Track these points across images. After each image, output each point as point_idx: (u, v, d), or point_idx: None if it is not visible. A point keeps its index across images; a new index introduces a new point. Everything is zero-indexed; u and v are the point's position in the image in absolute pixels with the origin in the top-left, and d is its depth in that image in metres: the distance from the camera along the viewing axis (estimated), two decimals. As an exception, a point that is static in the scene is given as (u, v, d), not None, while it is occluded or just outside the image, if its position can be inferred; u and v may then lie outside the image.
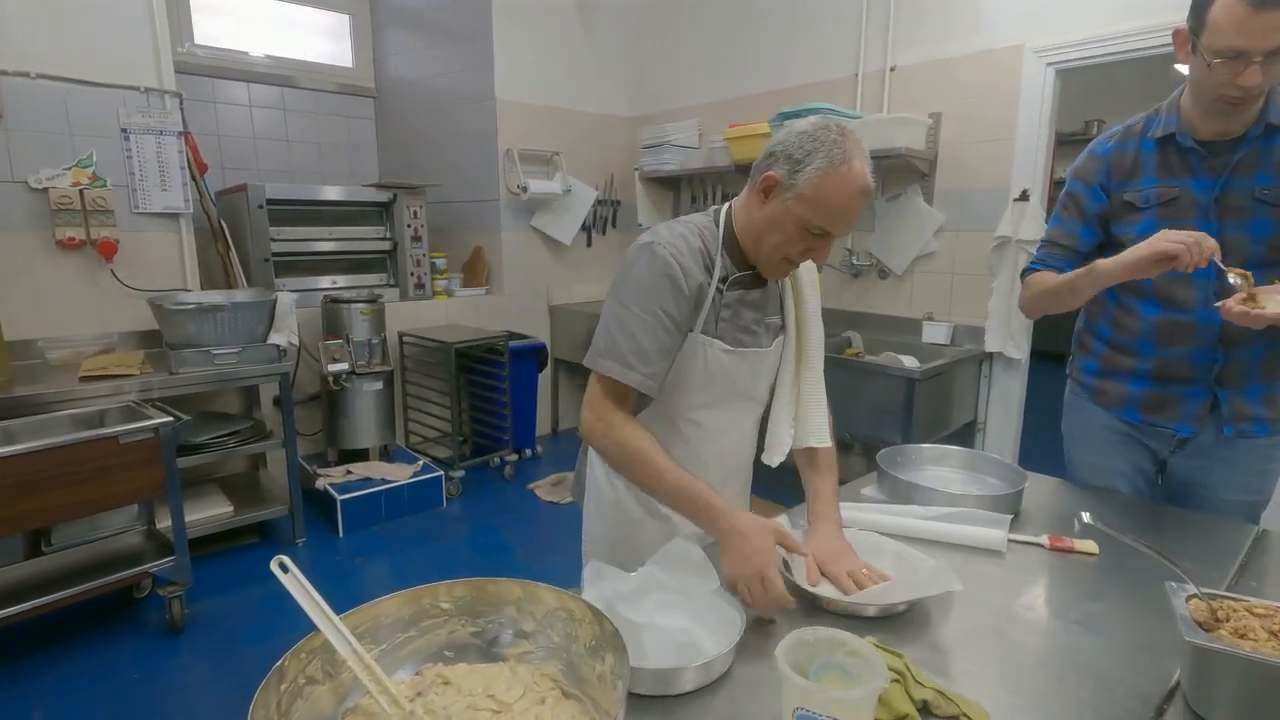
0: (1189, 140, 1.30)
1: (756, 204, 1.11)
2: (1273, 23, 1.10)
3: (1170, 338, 1.36)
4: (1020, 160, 2.88)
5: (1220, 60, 1.16)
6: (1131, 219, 1.36)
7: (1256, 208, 1.27)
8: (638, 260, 1.11)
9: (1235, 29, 1.12)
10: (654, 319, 1.09)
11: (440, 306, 3.94)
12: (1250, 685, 0.74)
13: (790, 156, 1.05)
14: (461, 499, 3.49)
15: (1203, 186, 1.30)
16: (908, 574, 1.06)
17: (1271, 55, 1.12)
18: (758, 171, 1.10)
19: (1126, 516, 1.38)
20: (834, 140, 1.03)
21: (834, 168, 1.02)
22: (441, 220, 4.30)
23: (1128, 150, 1.38)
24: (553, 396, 4.53)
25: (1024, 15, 2.80)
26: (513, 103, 3.98)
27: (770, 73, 3.71)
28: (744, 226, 1.14)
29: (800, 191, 1.04)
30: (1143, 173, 1.35)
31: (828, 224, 1.06)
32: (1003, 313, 2.95)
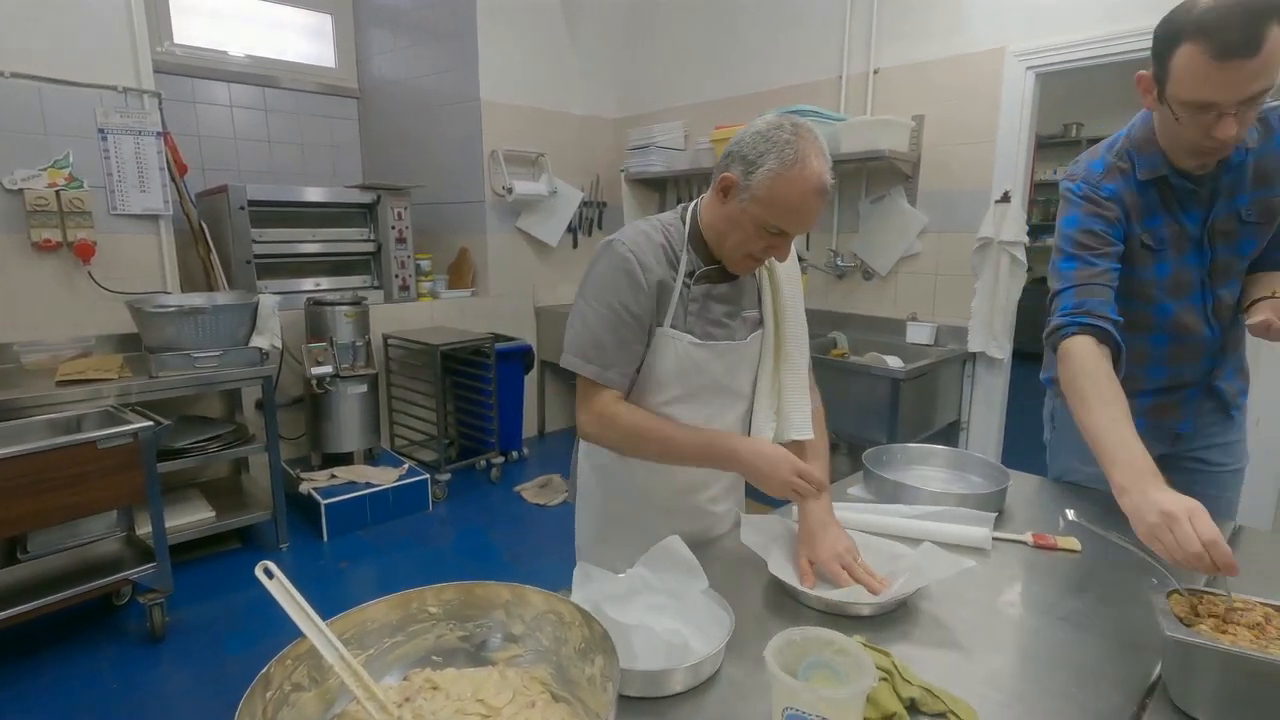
0: (1182, 181, 1.23)
1: (717, 203, 1.13)
2: (1243, 74, 0.99)
3: (1178, 358, 1.36)
4: (1001, 162, 2.91)
5: (1187, 113, 1.07)
6: (1147, 260, 1.28)
7: (1242, 229, 1.25)
8: (600, 258, 1.14)
9: (1200, 83, 1.03)
10: (611, 313, 1.11)
11: (425, 308, 3.92)
12: (1230, 678, 0.75)
13: (745, 157, 1.06)
14: (448, 502, 3.47)
15: (1193, 220, 1.25)
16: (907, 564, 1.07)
17: (1246, 104, 1.03)
18: (717, 171, 1.12)
19: (1110, 513, 1.40)
20: (786, 140, 1.03)
21: (786, 168, 1.03)
22: (426, 222, 4.28)
23: (1130, 190, 1.26)
24: (539, 398, 4.51)
25: (1004, 19, 2.83)
26: (498, 104, 3.97)
27: (755, 74, 3.73)
28: (708, 224, 1.16)
29: (755, 193, 1.05)
30: (1147, 212, 1.26)
31: (783, 223, 1.06)
32: (985, 313, 2.98)
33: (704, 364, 1.19)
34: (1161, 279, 1.28)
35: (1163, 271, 1.28)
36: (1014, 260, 2.89)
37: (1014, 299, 2.94)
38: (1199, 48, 1.01)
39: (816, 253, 3.54)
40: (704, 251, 1.18)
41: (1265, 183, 1.23)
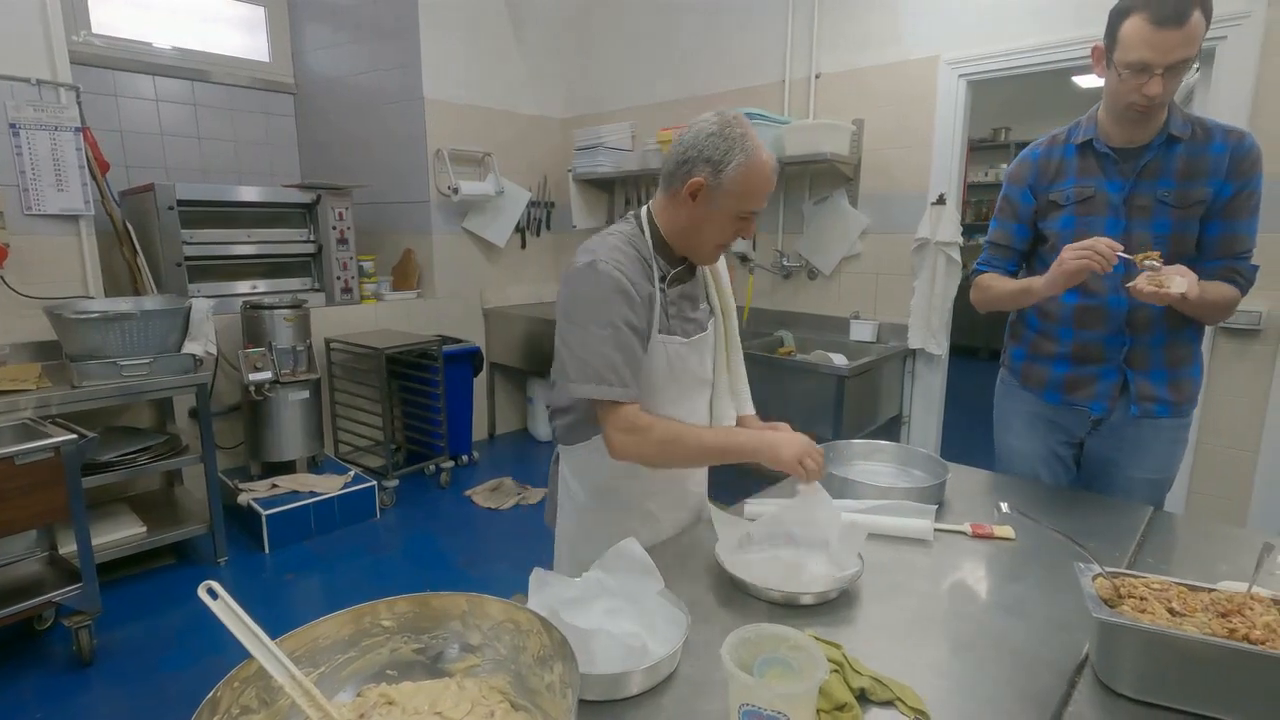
0: (1104, 146, 1.45)
1: (683, 206, 1.18)
2: (1172, 40, 1.25)
3: (1085, 322, 1.50)
4: (937, 165, 3.02)
5: (1129, 71, 1.31)
6: (1054, 215, 1.52)
7: (1159, 208, 1.42)
8: (584, 280, 1.15)
9: (1141, 44, 1.28)
10: (614, 331, 1.14)
11: (369, 311, 3.82)
12: (1150, 654, 0.81)
13: (709, 160, 1.13)
14: (396, 509, 3.39)
15: (1115, 188, 1.45)
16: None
17: (1171, 69, 1.28)
18: (677, 178, 1.17)
19: (1041, 502, 1.48)
20: (740, 135, 1.14)
21: (750, 159, 1.14)
22: (369, 222, 4.17)
23: (1053, 156, 1.53)
24: (489, 401, 4.46)
25: (938, 29, 2.94)
26: (442, 102, 3.90)
27: (701, 77, 3.77)
28: (672, 227, 1.22)
29: (728, 189, 1.15)
30: (1065, 175, 1.51)
31: (755, 205, 1.18)
32: (924, 311, 3.10)
33: (688, 360, 1.27)
34: (1066, 232, 1.48)
35: (1066, 224, 1.49)
36: (950, 260, 3.01)
37: (950, 297, 3.06)
38: (1142, 16, 1.27)
39: (763, 253, 3.61)
40: (667, 255, 1.24)
41: (1192, 176, 1.40)
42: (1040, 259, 1.58)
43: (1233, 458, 2.45)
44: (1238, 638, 0.78)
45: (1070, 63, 2.66)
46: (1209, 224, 1.42)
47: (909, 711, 0.81)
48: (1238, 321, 2.35)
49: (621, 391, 1.14)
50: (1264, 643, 0.77)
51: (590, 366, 1.13)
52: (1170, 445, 1.54)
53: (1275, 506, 2.39)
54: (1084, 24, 2.56)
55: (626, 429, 1.15)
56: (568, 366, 1.17)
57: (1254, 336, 2.38)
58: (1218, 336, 2.43)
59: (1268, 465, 2.39)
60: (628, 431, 1.15)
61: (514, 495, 3.51)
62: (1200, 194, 1.40)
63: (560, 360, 1.19)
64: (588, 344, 1.13)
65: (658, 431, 1.16)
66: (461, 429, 3.92)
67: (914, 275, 3.11)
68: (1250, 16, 2.25)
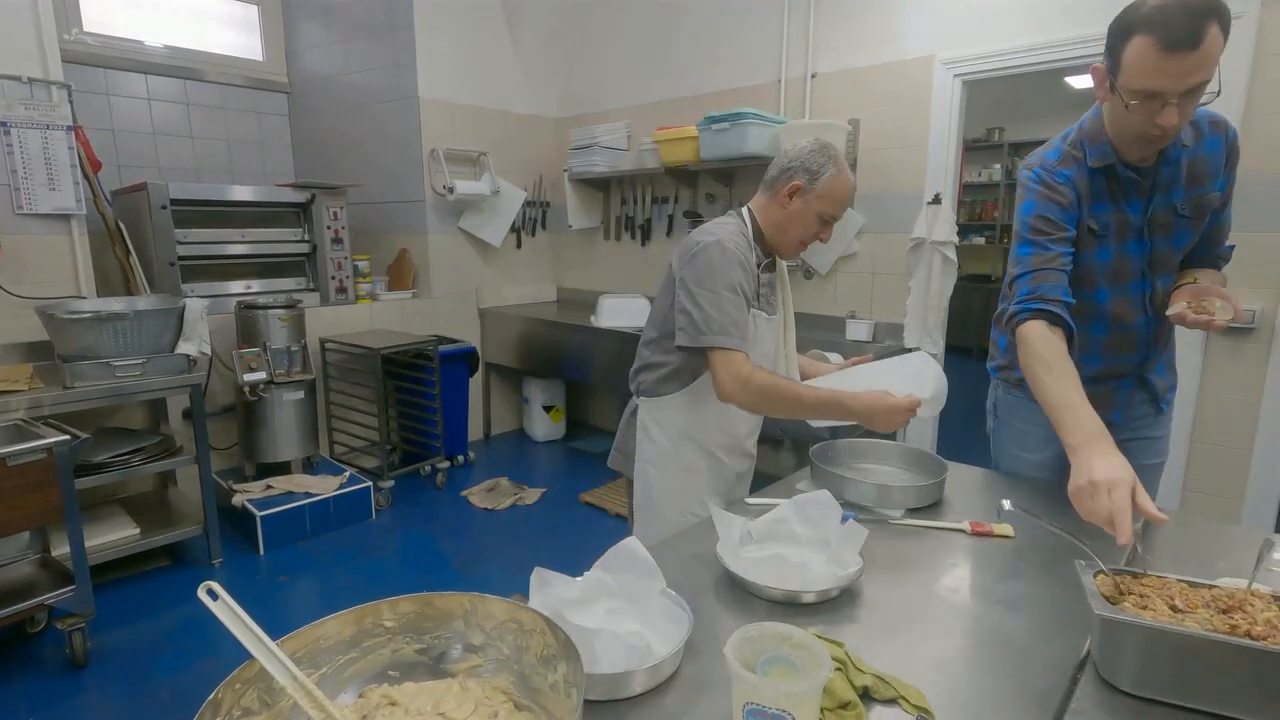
0: (1127, 171, 1.31)
1: (780, 206, 1.51)
2: (1187, 65, 1.09)
3: (1117, 348, 1.43)
4: (933, 165, 3.03)
5: (1137, 101, 1.16)
6: (1090, 245, 1.36)
7: (1178, 222, 1.34)
8: (710, 254, 1.43)
9: (1149, 72, 1.12)
10: (737, 295, 1.42)
11: (364, 311, 3.80)
12: (1151, 650, 0.81)
13: (808, 169, 1.47)
14: (392, 510, 3.38)
15: (1135, 209, 1.34)
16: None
17: (1188, 95, 1.13)
18: (780, 181, 1.50)
19: (1040, 500, 1.48)
20: (834, 154, 1.48)
21: (840, 173, 1.48)
22: (364, 222, 4.15)
23: (1081, 176, 1.35)
24: (484, 401, 4.45)
25: (933, 29, 2.95)
26: (437, 101, 3.89)
27: (697, 77, 3.77)
28: (770, 223, 1.53)
29: (819, 193, 1.47)
30: (1094, 199, 1.35)
31: (838, 211, 1.50)
32: (919, 310, 3.11)
33: (764, 335, 1.56)
34: (1103, 264, 1.36)
35: (1104, 257, 1.36)
36: (945, 259, 3.02)
37: (946, 296, 3.07)
38: (1148, 40, 1.10)
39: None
40: (761, 245, 1.54)
41: (1197, 181, 1.33)
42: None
43: (1227, 455, 2.47)
44: (1239, 634, 0.78)
45: (1064, 63, 2.68)
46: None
47: (912, 709, 0.81)
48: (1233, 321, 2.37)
49: (739, 343, 1.40)
50: (1266, 638, 0.77)
51: (718, 321, 1.40)
52: (1167, 428, 1.56)
53: (1269, 503, 2.41)
54: (1079, 24, 2.57)
55: (735, 376, 1.39)
56: (696, 321, 1.41)
57: (1248, 335, 2.39)
58: (1211, 335, 2.44)
59: (1261, 463, 2.41)
60: (735, 378, 1.39)
61: (510, 495, 3.51)
62: (1210, 200, 1.34)
63: (684, 317, 1.43)
64: (719, 304, 1.40)
65: (758, 380, 1.40)
66: (457, 429, 3.91)
67: (909, 275, 3.11)
68: (1244, 16, 2.27)
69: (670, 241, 4.06)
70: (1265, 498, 2.41)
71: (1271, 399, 2.38)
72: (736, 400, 1.42)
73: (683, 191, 3.93)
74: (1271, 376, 2.37)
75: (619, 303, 3.72)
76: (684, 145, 3.47)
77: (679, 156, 3.53)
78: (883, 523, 1.35)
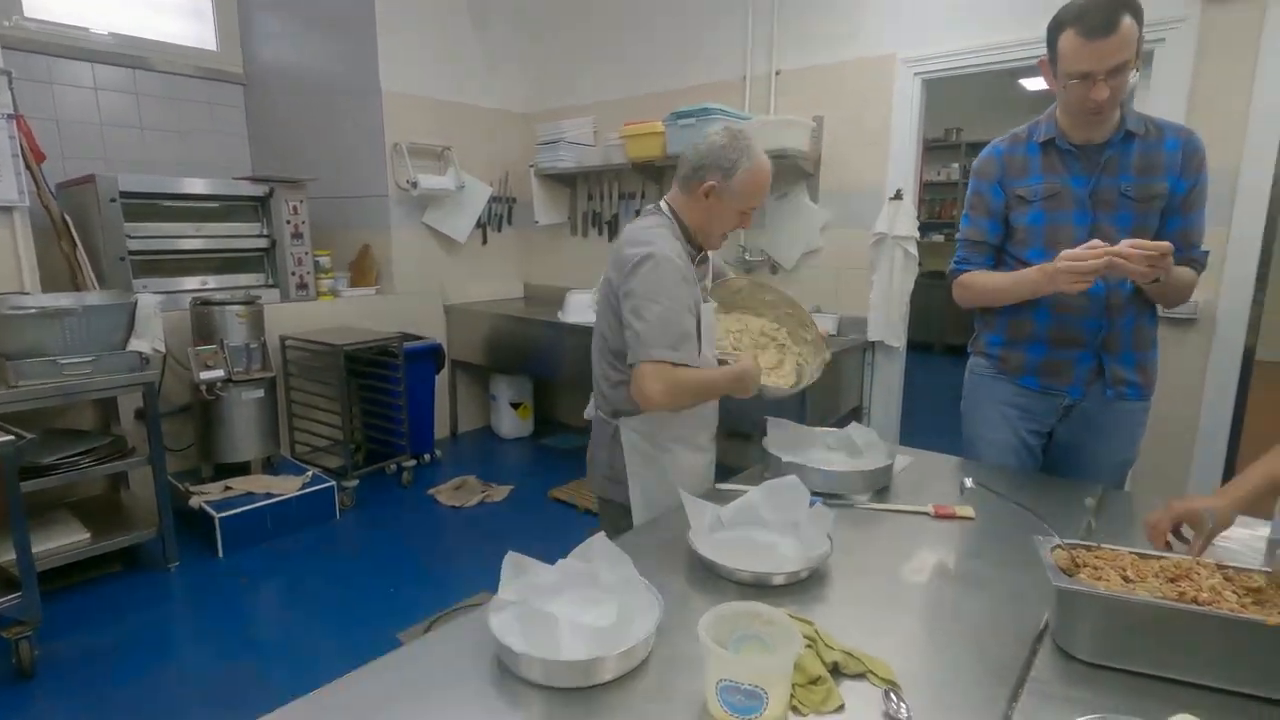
0: (1065, 144, 1.51)
1: (699, 205, 1.48)
2: (1107, 48, 1.32)
3: (1065, 304, 1.53)
4: (895, 162, 3.09)
5: (1073, 81, 1.37)
6: (1022, 210, 1.57)
7: (1122, 202, 1.49)
8: (649, 266, 1.38)
9: (1077, 56, 1.35)
10: (682, 307, 1.39)
11: (326, 308, 3.73)
12: (1105, 619, 0.84)
13: (720, 167, 1.42)
14: (356, 510, 3.32)
15: (1079, 183, 1.51)
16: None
17: (1112, 73, 1.34)
18: (694, 180, 1.46)
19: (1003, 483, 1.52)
20: (746, 146, 1.43)
21: (753, 164, 1.43)
22: (324, 217, 4.07)
23: (1017, 152, 1.59)
24: (451, 398, 4.39)
25: (894, 28, 3.01)
26: (400, 95, 3.83)
27: (663, 73, 3.78)
28: (691, 221, 1.51)
29: (735, 190, 1.44)
30: (1030, 171, 1.56)
31: (756, 203, 1.49)
32: (882, 304, 3.16)
33: (711, 325, 1.54)
34: (1034, 226, 1.55)
35: (1036, 219, 1.55)
36: (907, 254, 3.08)
37: (908, 290, 3.14)
38: (1074, 30, 1.35)
39: (726, 248, 3.64)
40: (688, 239, 1.51)
41: (1149, 172, 1.48)
42: (1009, 253, 1.62)
43: (1173, 437, 2.57)
44: (1186, 600, 0.82)
45: (1019, 63, 2.76)
46: (1169, 219, 1.49)
47: (880, 683, 0.83)
48: (1178, 311, 2.46)
49: (688, 357, 1.37)
50: (1211, 604, 0.81)
51: (668, 335, 1.36)
52: (1135, 427, 1.61)
53: (1211, 482, 2.52)
54: (1034, 26, 2.64)
55: (668, 383, 1.35)
56: (644, 336, 1.36)
57: (1191, 325, 2.50)
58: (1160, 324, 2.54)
59: (1204, 444, 2.52)
60: (668, 385, 1.35)
61: (478, 493, 3.47)
62: (1158, 189, 1.47)
63: (630, 333, 1.39)
64: (663, 317, 1.36)
65: (688, 380, 1.38)
66: (423, 427, 3.86)
67: (872, 270, 3.17)
68: (1186, 20, 2.36)
69: (637, 237, 4.06)
70: (1207, 476, 2.52)
71: (1213, 384, 2.49)
72: (664, 404, 1.37)
73: (649, 187, 3.94)
74: (1213, 363, 2.48)
75: (585, 299, 3.71)
76: (651, 141, 3.48)
77: (646, 152, 3.53)
78: (849, 507, 1.38)
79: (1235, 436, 2.51)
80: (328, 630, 2.37)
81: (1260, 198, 2.34)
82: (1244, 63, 2.31)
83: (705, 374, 1.43)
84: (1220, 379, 2.47)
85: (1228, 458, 2.51)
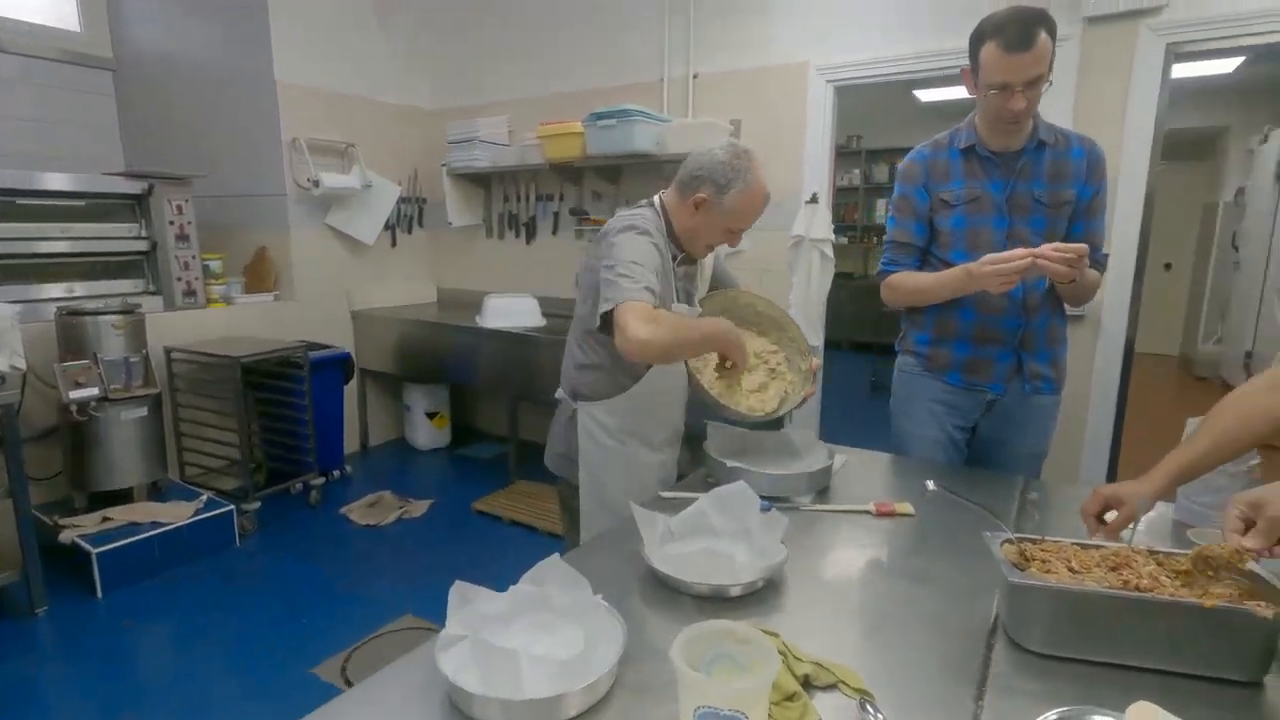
0: (985, 150, 1.59)
1: (688, 213, 1.47)
2: (1024, 62, 1.40)
3: (987, 305, 1.60)
4: (810, 166, 3.18)
5: (993, 91, 1.45)
6: (945, 213, 1.63)
7: (1035, 207, 1.57)
8: (627, 234, 1.37)
9: (997, 68, 1.43)
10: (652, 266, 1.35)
11: (218, 316, 3.42)
12: (1058, 611, 0.87)
13: (715, 182, 1.41)
14: (259, 535, 3.06)
15: (997, 189, 1.58)
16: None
17: (1029, 85, 1.42)
18: (688, 189, 1.45)
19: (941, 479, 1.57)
20: (746, 167, 1.42)
21: (749, 188, 1.42)
22: (215, 217, 3.74)
23: (939, 158, 1.65)
24: (361, 410, 4.15)
25: (807, 35, 3.09)
26: (298, 86, 3.58)
27: (581, 73, 3.73)
28: (681, 226, 1.49)
29: (726, 208, 1.43)
30: (952, 176, 1.62)
31: (746, 225, 1.48)
32: (802, 305, 3.24)
33: None
34: (957, 230, 1.61)
35: (959, 224, 1.61)
36: (824, 256, 3.17)
37: (825, 291, 3.23)
38: (995, 43, 1.41)
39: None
40: (674, 239, 1.50)
41: (1059, 179, 1.57)
42: (934, 254, 1.68)
43: (1066, 425, 2.75)
44: (1130, 588, 0.85)
45: (917, 74, 2.90)
46: (1075, 224, 1.59)
47: (853, 693, 0.81)
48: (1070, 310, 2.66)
49: (652, 298, 1.30)
50: (1152, 589, 0.85)
51: (636, 283, 1.30)
52: (1049, 420, 1.71)
53: (1099, 466, 2.73)
54: (941, 38, 2.79)
55: (646, 319, 1.26)
56: (622, 284, 1.29)
57: (1080, 321, 2.69)
58: (1052, 322, 2.73)
59: (1093, 431, 2.73)
60: (648, 320, 1.26)
61: (395, 509, 3.29)
62: (1067, 195, 1.57)
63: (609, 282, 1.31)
64: (632, 270, 1.31)
65: (667, 319, 1.31)
66: (332, 442, 3.62)
67: (791, 271, 3.24)
68: (1070, 39, 2.55)
69: (557, 240, 3.99)
70: (1098, 459, 2.73)
71: (1100, 376, 2.70)
72: (648, 350, 1.27)
73: (568, 189, 3.87)
74: (1099, 358, 2.69)
75: (505, 302, 3.60)
76: (569, 141, 3.42)
77: (564, 153, 3.46)
78: (794, 510, 1.38)
79: (1119, 422, 2.73)
80: (232, 671, 2.16)
81: (1136, 204, 2.56)
82: (1120, 79, 2.52)
83: (686, 319, 1.39)
84: (1107, 371, 2.69)
85: (1113, 442, 2.73)
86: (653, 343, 1.26)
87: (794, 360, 1.64)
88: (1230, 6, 2.32)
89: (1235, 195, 6.25)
